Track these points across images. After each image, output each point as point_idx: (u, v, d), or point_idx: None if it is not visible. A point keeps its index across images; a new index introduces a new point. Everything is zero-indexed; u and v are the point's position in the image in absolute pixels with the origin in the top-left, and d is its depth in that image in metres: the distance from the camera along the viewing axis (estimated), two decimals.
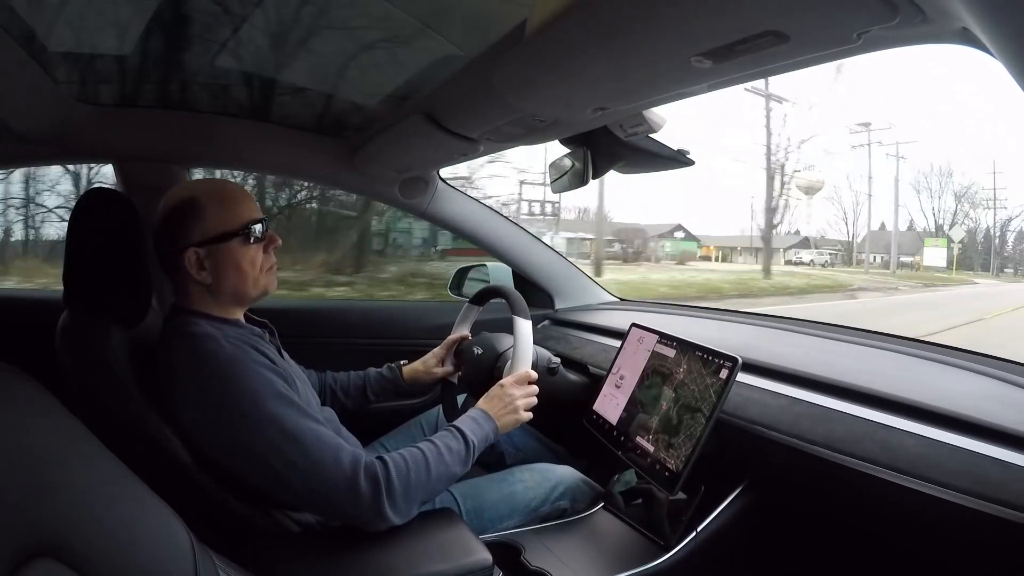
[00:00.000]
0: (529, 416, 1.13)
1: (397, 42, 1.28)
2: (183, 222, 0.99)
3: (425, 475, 0.95)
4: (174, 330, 0.99)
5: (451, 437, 1.01)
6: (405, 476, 0.92)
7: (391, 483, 0.91)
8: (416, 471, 0.94)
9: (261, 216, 1.03)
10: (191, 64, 1.42)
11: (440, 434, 1.02)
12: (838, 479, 0.89)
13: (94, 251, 0.99)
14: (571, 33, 0.69)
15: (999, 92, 26.61)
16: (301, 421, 0.91)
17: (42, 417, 0.52)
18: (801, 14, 0.54)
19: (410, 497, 0.93)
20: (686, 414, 1.08)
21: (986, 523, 0.72)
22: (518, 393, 1.12)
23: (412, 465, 0.94)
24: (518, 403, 1.12)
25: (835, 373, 1.04)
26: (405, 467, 0.93)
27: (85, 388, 0.95)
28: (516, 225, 1.87)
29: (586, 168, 1.25)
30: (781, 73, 0.71)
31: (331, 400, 1.33)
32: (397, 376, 1.40)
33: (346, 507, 0.92)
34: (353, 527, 0.93)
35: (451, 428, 1.03)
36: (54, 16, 1.15)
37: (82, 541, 0.49)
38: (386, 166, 1.61)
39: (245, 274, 1.02)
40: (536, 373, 1.18)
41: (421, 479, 0.94)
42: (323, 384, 1.34)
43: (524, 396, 1.13)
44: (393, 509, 0.91)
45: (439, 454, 0.97)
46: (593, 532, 1.17)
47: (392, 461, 0.93)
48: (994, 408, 0.85)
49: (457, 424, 1.04)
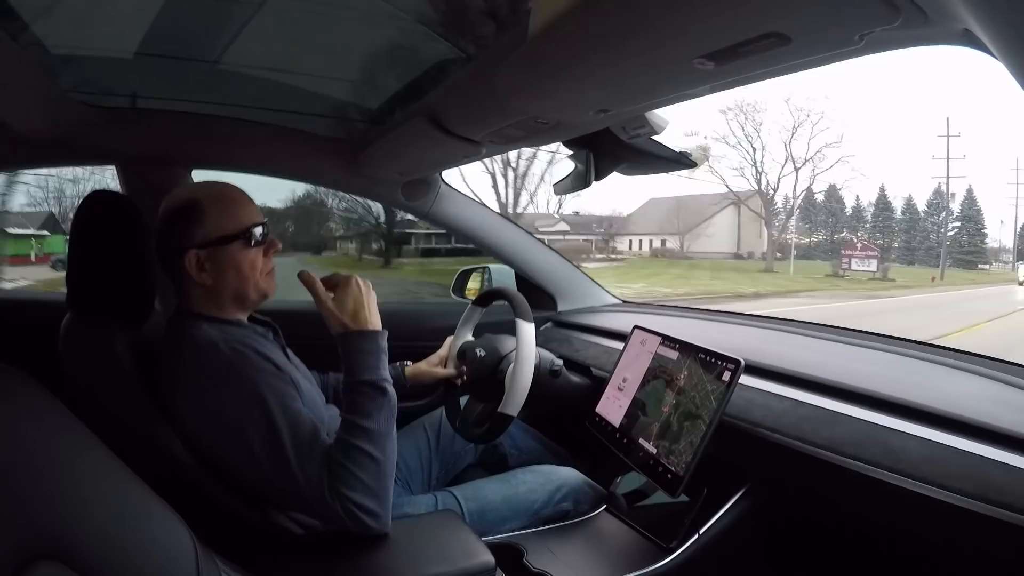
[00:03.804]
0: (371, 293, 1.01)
1: (400, 44, 1.29)
2: (184, 224, 0.99)
3: (379, 472, 0.90)
4: (176, 332, 0.99)
5: (364, 400, 0.92)
6: (366, 487, 0.88)
7: (357, 502, 0.88)
8: (371, 475, 0.89)
9: (262, 220, 1.04)
10: (194, 65, 1.42)
11: (352, 406, 0.92)
12: (841, 482, 0.89)
13: (97, 253, 0.99)
14: (574, 35, 0.69)
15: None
16: (297, 430, 0.90)
17: (45, 419, 0.52)
18: (803, 16, 0.54)
19: (380, 495, 0.90)
20: (687, 420, 1.07)
21: (990, 526, 0.72)
22: (347, 296, 0.98)
23: (365, 475, 0.89)
24: (362, 298, 0.99)
25: (838, 376, 1.03)
26: (361, 480, 0.88)
27: (88, 390, 0.95)
28: (518, 227, 1.88)
29: (589, 170, 1.25)
30: (783, 75, 0.71)
31: (333, 399, 1.33)
32: (400, 377, 1.40)
33: (325, 520, 0.92)
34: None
35: (354, 385, 0.93)
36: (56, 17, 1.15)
37: (85, 543, 0.49)
38: (389, 168, 1.61)
39: (245, 277, 1.02)
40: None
41: (377, 478, 0.90)
42: (325, 384, 1.34)
43: (352, 289, 0.99)
44: (373, 519, 0.89)
45: (371, 438, 0.90)
46: (595, 534, 1.17)
47: (347, 483, 0.88)
48: (998, 411, 0.84)
49: (354, 377, 0.94)
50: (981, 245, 23.97)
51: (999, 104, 27.95)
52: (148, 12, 1.17)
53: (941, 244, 22.30)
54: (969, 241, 23.89)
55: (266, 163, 1.67)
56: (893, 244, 23.58)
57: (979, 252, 23.89)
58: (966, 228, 23.87)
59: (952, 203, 22.68)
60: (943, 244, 22.19)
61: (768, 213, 22.52)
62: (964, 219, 24.09)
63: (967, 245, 23.87)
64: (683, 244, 23.66)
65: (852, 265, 18.88)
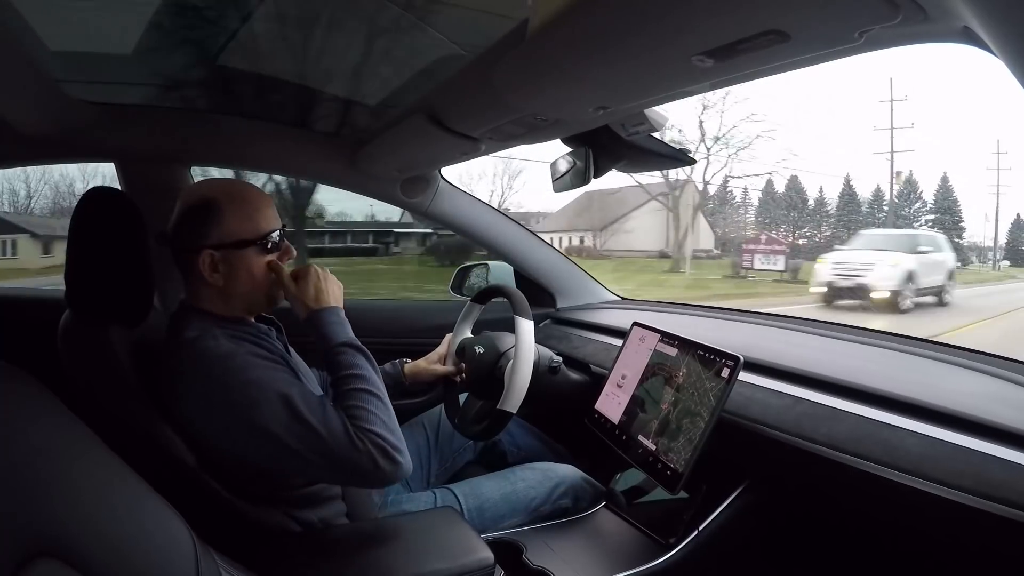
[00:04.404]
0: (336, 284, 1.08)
1: (399, 41, 1.28)
2: (201, 223, 0.98)
3: (387, 409, 0.97)
4: (177, 329, 0.99)
5: (348, 357, 0.99)
6: (384, 423, 0.94)
7: (385, 438, 0.92)
8: (383, 411, 0.95)
9: (280, 225, 1.03)
10: (193, 63, 1.42)
11: (339, 366, 0.98)
12: (840, 478, 0.89)
13: (96, 251, 0.99)
14: (573, 32, 0.69)
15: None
16: (308, 398, 0.91)
17: (44, 417, 0.52)
18: (803, 13, 0.54)
19: (396, 434, 0.95)
20: (686, 417, 1.08)
21: (989, 523, 0.72)
22: (308, 281, 1.04)
23: (379, 411, 0.95)
24: (321, 283, 1.05)
25: (837, 372, 1.03)
26: (379, 416, 0.94)
27: (87, 388, 0.95)
28: (517, 224, 1.87)
29: (588, 167, 1.25)
30: (783, 72, 0.71)
31: None
32: (399, 374, 1.40)
33: (358, 476, 0.93)
34: (354, 525, 0.94)
35: (336, 348, 0.99)
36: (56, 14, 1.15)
37: (84, 541, 0.49)
38: (388, 165, 1.61)
39: (258, 282, 1.01)
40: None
41: (389, 415, 0.96)
42: (325, 382, 1.34)
43: (311, 276, 1.05)
44: (402, 456, 0.93)
45: (369, 382, 0.97)
46: (595, 531, 1.18)
47: (368, 420, 0.93)
48: (997, 407, 0.84)
49: (332, 343, 1.00)
50: (958, 241, 20.19)
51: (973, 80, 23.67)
52: (147, 9, 1.17)
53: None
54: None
55: (265, 160, 1.67)
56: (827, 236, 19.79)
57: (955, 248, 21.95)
58: (941, 222, 20.31)
59: (896, 183, 19.00)
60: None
61: (699, 204, 19.10)
62: (940, 211, 20.49)
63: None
64: (597, 242, 20.90)
65: (755, 263, 15.88)
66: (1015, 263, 17.65)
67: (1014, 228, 19.27)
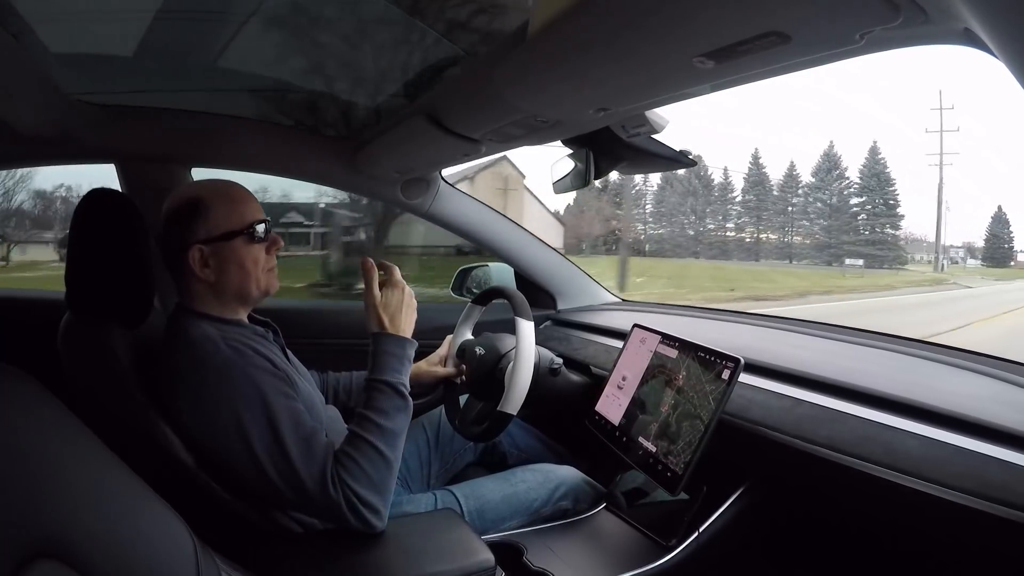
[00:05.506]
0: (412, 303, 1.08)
1: (399, 42, 1.28)
2: (188, 221, 1.00)
3: (386, 468, 0.93)
4: (175, 331, 0.99)
5: (383, 398, 0.97)
6: (371, 482, 0.91)
7: (361, 496, 0.90)
8: (377, 470, 0.92)
9: (264, 217, 1.05)
10: (193, 64, 1.42)
11: (370, 401, 0.97)
12: (841, 480, 0.89)
13: (96, 252, 0.99)
14: (573, 33, 0.69)
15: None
16: (299, 425, 0.92)
17: (44, 418, 0.52)
18: (803, 15, 0.54)
19: (383, 494, 0.93)
20: (686, 419, 1.07)
21: (989, 523, 0.72)
22: (393, 298, 1.05)
23: (372, 469, 0.92)
24: (403, 305, 1.06)
25: (838, 374, 1.03)
26: (368, 474, 0.91)
27: (87, 389, 0.95)
28: (518, 226, 1.87)
29: (588, 168, 1.26)
30: (783, 74, 0.71)
31: (333, 399, 1.33)
32: None
33: (325, 516, 0.94)
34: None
35: (377, 383, 0.98)
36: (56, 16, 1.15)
37: (84, 542, 0.49)
38: (388, 167, 1.61)
39: (248, 273, 1.02)
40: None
41: (383, 475, 0.93)
42: (324, 384, 1.35)
43: (398, 292, 1.06)
44: (374, 515, 0.91)
45: (383, 435, 0.94)
46: (595, 532, 1.17)
47: (353, 475, 0.90)
48: (998, 409, 0.84)
49: (378, 375, 0.99)
50: (882, 232, 15.57)
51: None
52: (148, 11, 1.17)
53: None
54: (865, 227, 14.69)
55: (265, 161, 1.67)
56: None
57: (882, 243, 15.74)
58: (869, 212, 15.44)
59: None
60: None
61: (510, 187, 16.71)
62: (867, 189, 15.59)
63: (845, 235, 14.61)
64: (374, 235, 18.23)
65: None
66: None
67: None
